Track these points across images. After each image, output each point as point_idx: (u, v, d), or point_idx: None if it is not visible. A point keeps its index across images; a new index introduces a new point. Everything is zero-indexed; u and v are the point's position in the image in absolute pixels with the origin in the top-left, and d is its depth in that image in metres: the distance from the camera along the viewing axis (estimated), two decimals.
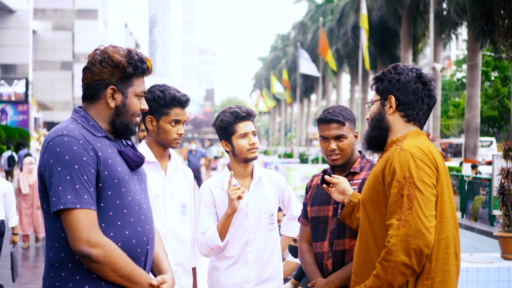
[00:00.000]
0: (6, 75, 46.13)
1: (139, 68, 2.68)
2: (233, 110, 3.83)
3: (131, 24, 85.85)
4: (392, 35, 32.73)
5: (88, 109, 2.67)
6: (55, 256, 2.52)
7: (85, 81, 2.66)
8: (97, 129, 2.62)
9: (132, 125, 2.71)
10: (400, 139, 2.88)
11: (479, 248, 12.08)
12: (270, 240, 3.88)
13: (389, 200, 2.73)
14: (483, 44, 22.19)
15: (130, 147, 2.72)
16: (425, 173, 2.72)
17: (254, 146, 3.80)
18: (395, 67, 2.98)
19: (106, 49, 2.66)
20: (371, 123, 3.00)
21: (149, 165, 3.63)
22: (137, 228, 2.60)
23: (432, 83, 2.96)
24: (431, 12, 17.27)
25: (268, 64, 78.77)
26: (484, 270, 4.75)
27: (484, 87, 38.03)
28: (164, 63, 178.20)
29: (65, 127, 2.55)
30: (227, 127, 3.81)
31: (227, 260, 3.83)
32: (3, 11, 44.06)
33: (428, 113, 2.99)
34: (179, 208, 3.71)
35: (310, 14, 51.80)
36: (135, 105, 2.70)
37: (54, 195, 2.44)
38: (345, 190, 3.30)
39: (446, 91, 48.53)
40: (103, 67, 2.61)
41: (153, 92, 3.62)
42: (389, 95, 2.93)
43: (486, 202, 13.22)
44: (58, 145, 2.48)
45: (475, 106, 22.36)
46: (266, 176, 3.97)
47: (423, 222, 2.64)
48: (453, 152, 36.23)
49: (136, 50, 2.72)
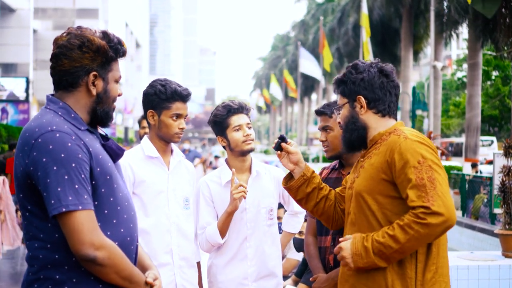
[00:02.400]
0: (6, 74, 46.13)
1: (119, 51, 2.54)
2: (225, 104, 3.85)
3: (132, 24, 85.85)
4: (392, 34, 32.70)
5: (65, 98, 2.47)
6: (47, 258, 2.35)
7: (60, 68, 2.43)
8: (79, 121, 2.44)
9: (111, 112, 2.56)
10: (391, 131, 2.88)
11: (480, 247, 12.07)
12: (269, 236, 3.86)
13: (406, 186, 2.68)
14: (484, 42, 22.20)
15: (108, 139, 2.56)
16: (435, 157, 2.73)
17: (249, 137, 3.79)
18: (354, 66, 2.98)
19: (83, 32, 2.46)
20: (346, 126, 2.99)
21: (152, 160, 3.65)
22: (130, 224, 2.49)
23: (393, 73, 2.98)
24: (431, 11, 17.27)
25: (269, 63, 78.82)
26: (485, 268, 4.74)
27: (485, 86, 37.99)
28: (165, 63, 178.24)
29: (51, 121, 2.36)
30: (221, 122, 3.81)
31: (225, 256, 3.82)
32: (3, 10, 44.06)
33: (396, 103, 3.00)
34: (182, 202, 3.70)
35: (311, 13, 51.84)
36: (115, 91, 2.55)
37: (53, 197, 2.26)
38: (299, 161, 3.20)
39: (447, 90, 48.50)
40: (84, 52, 2.42)
41: (155, 86, 3.62)
42: (357, 96, 2.93)
43: (487, 201, 13.22)
44: (50, 142, 2.29)
45: (476, 105, 22.35)
46: (265, 171, 3.96)
47: (448, 200, 2.64)
48: (453, 151, 36.18)
49: (111, 32, 2.56)
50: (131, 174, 3.58)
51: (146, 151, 3.66)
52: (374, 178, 2.81)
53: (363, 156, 2.97)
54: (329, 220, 3.23)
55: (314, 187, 3.17)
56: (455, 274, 4.64)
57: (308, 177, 3.18)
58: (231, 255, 3.81)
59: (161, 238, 3.58)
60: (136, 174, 3.59)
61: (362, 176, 2.89)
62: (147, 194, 3.59)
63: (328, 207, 3.19)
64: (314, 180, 3.18)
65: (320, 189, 3.19)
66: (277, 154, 3.24)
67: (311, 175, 3.18)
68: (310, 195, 3.18)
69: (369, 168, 2.86)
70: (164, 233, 3.59)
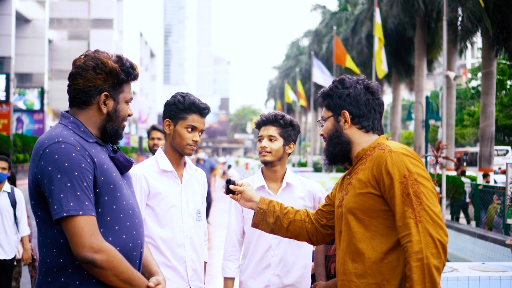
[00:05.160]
0: (22, 84, 46.48)
1: (131, 75, 2.74)
2: (261, 114, 4.00)
3: (146, 33, 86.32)
4: (406, 43, 32.63)
5: (78, 114, 2.69)
6: (53, 262, 2.53)
7: (75, 87, 2.66)
8: (88, 134, 2.64)
9: (121, 130, 2.76)
10: (374, 146, 2.90)
11: (494, 257, 11.99)
12: (295, 246, 3.90)
13: (394, 202, 2.73)
14: (498, 52, 22.08)
15: (117, 151, 2.75)
16: (421, 169, 2.76)
17: (264, 149, 3.92)
18: (341, 81, 3.02)
19: (98, 55, 2.69)
20: (330, 140, 3.02)
21: (166, 174, 3.72)
22: (133, 231, 2.65)
23: (379, 91, 3.02)
24: (444, 20, 17.19)
25: (282, 72, 78.82)
26: (496, 278, 4.71)
27: (499, 95, 37.79)
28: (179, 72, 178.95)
29: (59, 134, 2.56)
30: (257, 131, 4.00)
31: (250, 263, 3.91)
32: (19, 20, 44.45)
33: (381, 120, 3.02)
34: (195, 215, 3.77)
35: (324, 23, 51.81)
36: (125, 111, 2.75)
37: (56, 202, 2.44)
38: (252, 197, 3.31)
39: (461, 100, 48.29)
40: (97, 74, 2.64)
41: (175, 97, 3.72)
42: (342, 110, 2.97)
43: (501, 211, 13.13)
44: (55, 152, 2.48)
45: (490, 115, 22.22)
46: (299, 183, 4.01)
47: (436, 214, 2.68)
48: (468, 160, 35.99)
49: (125, 57, 2.76)
50: (145, 186, 3.65)
51: (161, 164, 3.71)
52: (364, 193, 2.83)
53: (350, 173, 2.99)
54: (306, 239, 3.30)
55: (277, 215, 3.26)
56: (466, 286, 4.61)
57: (265, 210, 3.27)
58: (254, 262, 3.89)
59: (175, 251, 3.64)
60: (151, 186, 3.65)
61: (350, 193, 2.91)
62: (161, 207, 3.65)
63: (300, 228, 3.26)
64: (273, 209, 3.26)
65: (284, 214, 3.27)
66: (231, 197, 3.36)
67: (268, 206, 3.27)
68: (277, 224, 3.26)
69: (357, 184, 2.88)
70: (179, 246, 3.66)
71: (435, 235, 2.63)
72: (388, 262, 2.76)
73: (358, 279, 2.82)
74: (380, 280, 2.77)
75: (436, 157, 13.01)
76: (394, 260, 2.75)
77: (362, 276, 2.81)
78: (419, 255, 2.62)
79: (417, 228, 2.64)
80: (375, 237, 2.80)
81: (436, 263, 2.61)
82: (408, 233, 2.66)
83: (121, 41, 65.88)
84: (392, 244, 2.76)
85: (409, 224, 2.66)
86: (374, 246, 2.79)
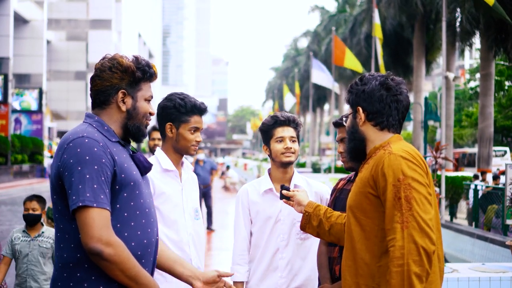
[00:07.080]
0: (20, 84, 46.49)
1: (147, 73, 2.79)
2: (274, 115, 3.96)
3: (145, 34, 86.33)
4: (405, 44, 32.65)
5: (100, 114, 2.76)
6: (70, 257, 2.57)
7: (94, 88, 2.74)
8: (111, 133, 2.71)
9: (143, 127, 2.82)
10: (383, 145, 2.88)
11: (493, 258, 11.98)
12: (303, 249, 3.89)
13: (385, 204, 2.71)
14: (496, 53, 22.11)
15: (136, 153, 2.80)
16: (417, 173, 2.72)
17: (289, 150, 3.85)
18: (361, 78, 3.02)
19: (114, 56, 2.76)
20: (348, 135, 3.05)
21: (168, 174, 3.76)
22: (147, 229, 2.69)
23: (399, 88, 2.94)
24: (443, 22, 17.19)
25: (281, 73, 78.90)
26: (497, 279, 4.71)
27: (498, 96, 37.82)
28: (177, 73, 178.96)
29: (84, 130, 2.63)
30: (266, 131, 3.92)
31: (258, 266, 3.91)
32: (17, 21, 44.45)
33: (401, 117, 2.97)
34: (193, 213, 3.81)
35: (323, 24, 51.85)
36: (145, 107, 2.80)
37: (74, 193, 2.49)
38: (301, 201, 3.40)
39: (460, 101, 48.33)
40: (113, 73, 2.71)
41: (173, 100, 3.72)
42: (357, 107, 2.97)
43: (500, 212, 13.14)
44: (79, 146, 2.55)
45: (489, 116, 22.25)
46: (306, 185, 3.99)
47: (425, 221, 2.64)
48: (466, 161, 36.01)
49: (142, 56, 2.82)
50: (151, 186, 3.64)
51: (163, 164, 3.75)
52: (363, 192, 2.83)
53: (360, 171, 2.99)
54: None
55: (320, 218, 3.30)
56: (466, 286, 4.61)
57: (310, 213, 3.33)
58: (262, 265, 3.88)
59: (182, 250, 3.67)
60: (156, 186, 3.68)
61: (353, 191, 2.92)
62: (166, 206, 3.68)
63: (340, 231, 3.25)
64: (318, 212, 3.32)
65: (327, 218, 3.29)
66: (285, 202, 3.50)
67: (314, 210, 3.34)
68: (320, 227, 3.31)
69: (359, 182, 2.89)
70: (184, 245, 3.69)
71: (420, 242, 2.59)
72: (380, 266, 2.74)
73: (351, 277, 2.83)
74: (370, 282, 2.76)
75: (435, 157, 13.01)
76: (387, 265, 2.70)
77: (355, 275, 2.81)
78: (400, 261, 2.59)
79: (402, 234, 2.61)
80: (369, 238, 2.79)
81: (417, 271, 2.57)
82: (393, 237, 2.64)
83: (119, 42, 65.86)
84: (386, 248, 2.72)
85: (396, 229, 2.64)
86: (369, 247, 2.78)
